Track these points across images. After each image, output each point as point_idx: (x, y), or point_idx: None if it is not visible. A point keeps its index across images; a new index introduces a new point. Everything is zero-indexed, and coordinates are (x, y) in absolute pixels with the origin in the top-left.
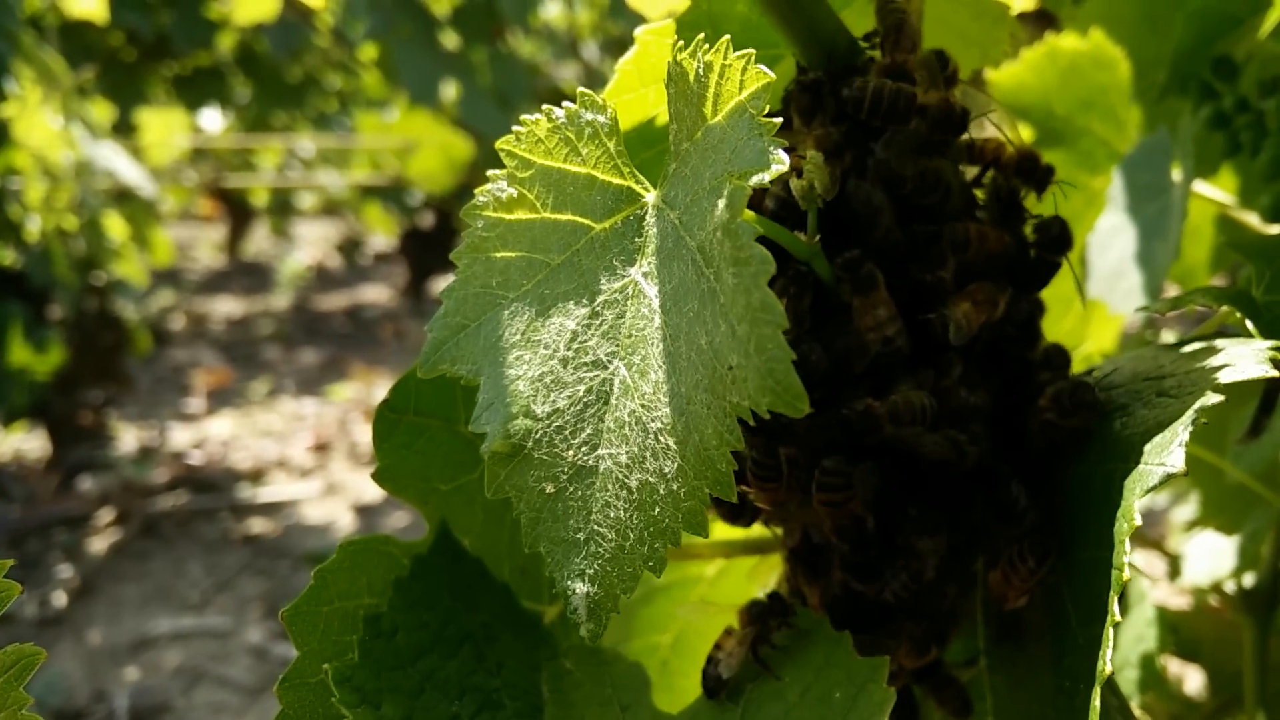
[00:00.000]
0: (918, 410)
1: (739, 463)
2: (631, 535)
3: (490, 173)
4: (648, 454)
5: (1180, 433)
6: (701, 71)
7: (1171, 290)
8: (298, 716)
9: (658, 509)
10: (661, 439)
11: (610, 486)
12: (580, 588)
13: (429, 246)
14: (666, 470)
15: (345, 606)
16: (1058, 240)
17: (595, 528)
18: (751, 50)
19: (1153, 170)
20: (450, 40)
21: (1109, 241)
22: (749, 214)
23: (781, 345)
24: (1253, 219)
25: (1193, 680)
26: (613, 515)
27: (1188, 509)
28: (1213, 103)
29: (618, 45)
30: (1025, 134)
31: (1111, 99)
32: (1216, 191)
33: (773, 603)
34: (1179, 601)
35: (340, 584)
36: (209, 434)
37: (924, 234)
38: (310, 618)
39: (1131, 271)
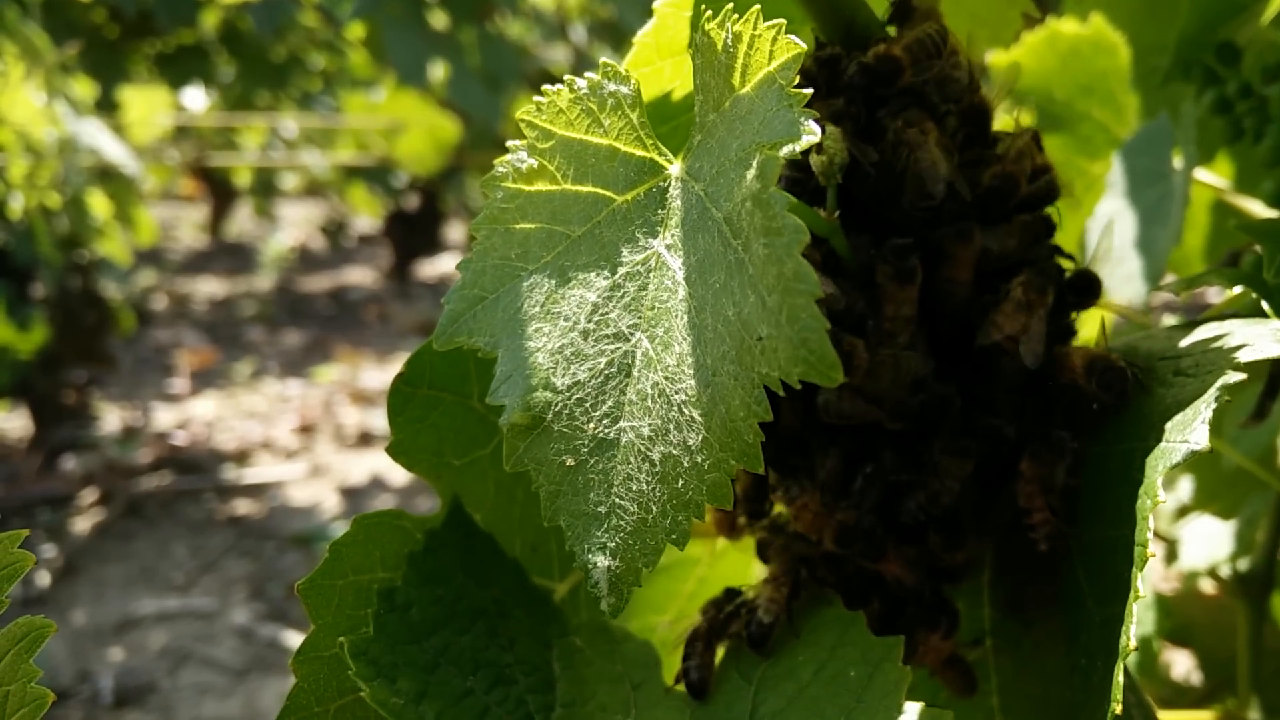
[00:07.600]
0: None
1: None
2: (654, 508)
3: (510, 143)
4: (671, 426)
5: (1203, 410)
6: (730, 42)
7: (1167, 278)
8: (313, 689)
9: (681, 481)
10: (686, 411)
11: (632, 459)
12: (601, 561)
13: (414, 229)
14: (691, 442)
15: (359, 580)
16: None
17: (617, 501)
18: (782, 20)
19: (1153, 156)
20: (439, 20)
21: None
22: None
23: (816, 315)
24: (1250, 204)
25: (1180, 665)
26: (635, 488)
27: (1175, 496)
28: (1216, 88)
29: (605, 28)
30: (1025, 118)
31: (1111, 84)
32: (1213, 177)
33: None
34: (1168, 586)
35: (354, 558)
36: (193, 415)
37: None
38: (325, 591)
39: (1131, 257)
